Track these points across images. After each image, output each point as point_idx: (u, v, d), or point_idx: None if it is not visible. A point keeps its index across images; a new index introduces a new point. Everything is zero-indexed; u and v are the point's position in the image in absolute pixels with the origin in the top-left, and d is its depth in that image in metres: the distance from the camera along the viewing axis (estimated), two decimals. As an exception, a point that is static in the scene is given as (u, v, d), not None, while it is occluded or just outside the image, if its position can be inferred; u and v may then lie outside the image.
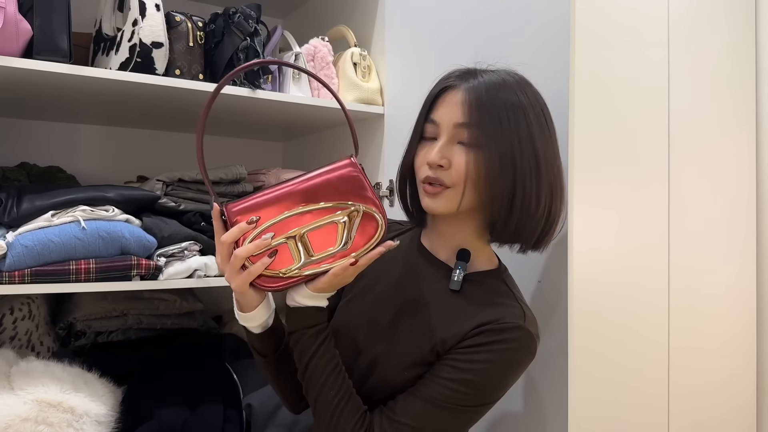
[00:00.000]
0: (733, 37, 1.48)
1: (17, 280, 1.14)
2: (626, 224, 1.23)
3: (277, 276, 0.87)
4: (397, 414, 0.88)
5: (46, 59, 1.15)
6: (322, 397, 0.89)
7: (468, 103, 0.92)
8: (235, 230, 0.85)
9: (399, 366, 0.93)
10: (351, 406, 0.89)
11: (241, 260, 0.85)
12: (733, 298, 1.45)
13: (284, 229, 0.86)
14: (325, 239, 0.87)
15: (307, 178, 0.88)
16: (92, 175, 1.66)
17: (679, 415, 1.31)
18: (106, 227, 1.22)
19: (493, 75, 0.95)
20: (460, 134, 0.92)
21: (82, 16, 1.39)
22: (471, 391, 0.88)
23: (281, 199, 0.87)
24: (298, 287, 0.90)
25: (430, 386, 0.89)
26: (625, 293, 1.22)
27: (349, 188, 0.88)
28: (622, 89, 1.22)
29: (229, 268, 0.86)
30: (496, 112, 0.91)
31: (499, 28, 1.28)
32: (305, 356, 0.90)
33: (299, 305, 0.90)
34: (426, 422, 0.88)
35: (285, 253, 0.87)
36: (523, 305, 0.95)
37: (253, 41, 1.38)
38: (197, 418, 1.33)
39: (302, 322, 0.91)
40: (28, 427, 1.07)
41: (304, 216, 0.87)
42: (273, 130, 1.84)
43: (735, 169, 1.47)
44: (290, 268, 0.87)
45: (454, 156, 0.92)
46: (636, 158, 1.25)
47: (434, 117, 0.95)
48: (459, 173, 0.91)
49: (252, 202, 0.87)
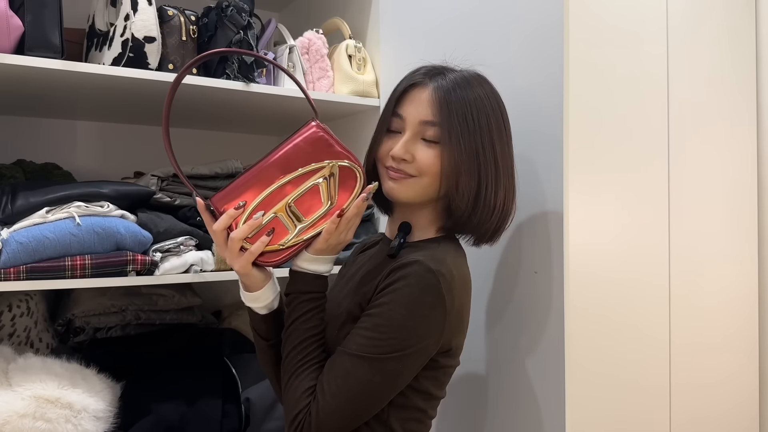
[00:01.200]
0: (732, 27, 1.47)
1: (12, 276, 1.14)
2: (624, 216, 1.22)
3: (277, 250, 0.92)
4: (325, 374, 0.91)
5: (37, 55, 1.15)
6: (289, 358, 0.94)
7: (436, 102, 0.96)
8: (224, 218, 0.90)
9: (334, 328, 0.97)
10: (309, 374, 0.92)
11: (238, 243, 0.90)
12: (734, 292, 1.45)
13: (270, 204, 0.91)
14: (312, 203, 0.93)
15: (277, 150, 0.93)
16: (89, 172, 1.66)
17: (681, 410, 1.31)
18: (101, 223, 1.21)
19: (459, 74, 1.00)
20: (424, 131, 0.97)
21: (76, 12, 1.39)
22: (380, 335, 0.89)
23: (259, 177, 0.91)
24: (300, 253, 0.95)
25: (349, 339, 0.92)
26: (624, 286, 1.21)
27: (318, 149, 0.93)
28: (619, 79, 1.22)
29: (229, 253, 0.92)
30: (462, 111, 0.96)
31: (494, 20, 1.27)
32: (291, 317, 0.95)
33: (300, 269, 0.96)
34: (347, 376, 0.89)
35: (278, 226, 0.91)
36: (444, 254, 0.95)
37: (247, 34, 1.37)
38: (196, 413, 1.33)
39: (299, 286, 0.96)
40: (26, 423, 1.07)
41: (286, 187, 0.92)
42: (268, 124, 1.84)
43: (736, 160, 1.46)
44: (287, 238, 0.92)
45: (417, 151, 0.97)
46: (634, 149, 1.24)
47: (401, 111, 0.99)
48: (422, 167, 0.96)
49: (233, 187, 0.91)
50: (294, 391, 0.91)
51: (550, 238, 1.13)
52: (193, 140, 1.87)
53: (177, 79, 0.92)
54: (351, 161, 0.94)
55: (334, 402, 0.89)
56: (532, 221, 1.17)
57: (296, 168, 0.92)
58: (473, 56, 1.32)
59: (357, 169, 0.94)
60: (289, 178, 0.91)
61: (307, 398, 0.90)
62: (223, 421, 1.35)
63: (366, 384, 0.89)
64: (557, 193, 1.11)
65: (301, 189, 0.92)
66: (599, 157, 1.18)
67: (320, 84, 1.54)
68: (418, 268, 0.90)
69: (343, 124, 1.70)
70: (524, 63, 1.19)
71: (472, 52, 1.32)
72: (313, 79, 1.54)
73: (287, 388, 0.93)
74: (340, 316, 0.98)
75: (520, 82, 1.20)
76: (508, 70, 1.22)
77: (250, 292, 0.96)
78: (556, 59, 1.12)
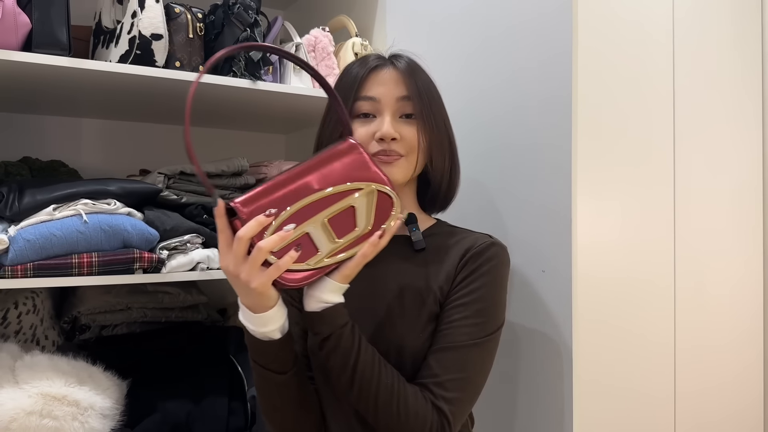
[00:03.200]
0: (738, 26, 1.46)
1: (20, 274, 1.14)
2: (631, 214, 1.22)
3: (301, 269, 0.81)
4: (439, 375, 0.89)
5: (45, 52, 1.14)
6: (381, 389, 0.86)
7: (406, 78, 0.99)
8: (252, 224, 0.78)
9: (415, 331, 0.94)
10: (408, 388, 0.88)
11: (264, 254, 0.78)
12: (740, 292, 1.44)
13: (304, 217, 0.81)
14: (345, 223, 0.84)
15: (313, 164, 0.85)
16: (94, 169, 1.65)
17: (686, 413, 1.30)
18: (108, 221, 1.21)
19: (410, 57, 1.04)
20: (403, 107, 0.99)
21: (82, 9, 1.39)
22: (485, 318, 0.92)
23: (293, 185, 0.82)
24: (319, 284, 0.85)
25: (451, 333, 0.91)
26: (630, 285, 1.21)
27: (357, 169, 0.88)
28: (624, 77, 1.21)
29: (249, 266, 0.78)
30: (427, 88, 1.01)
31: (501, 16, 1.26)
32: (351, 356, 0.85)
33: (328, 304, 0.85)
34: (467, 368, 0.90)
35: (307, 243, 0.82)
36: (471, 232, 1.03)
37: (253, 32, 1.37)
38: (202, 411, 1.33)
39: (337, 321, 0.86)
40: (33, 420, 1.07)
41: (319, 203, 0.83)
42: (274, 122, 1.84)
43: (741, 159, 1.46)
44: (317, 258, 0.82)
45: (401, 129, 0.98)
46: (640, 147, 1.23)
47: (370, 94, 0.99)
48: (410, 143, 0.98)
49: (260, 192, 0.81)
50: (415, 413, 0.86)
51: (557, 237, 1.12)
52: (199, 138, 1.85)
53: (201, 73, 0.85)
54: (389, 186, 0.89)
55: (462, 396, 0.89)
56: (540, 220, 1.16)
57: (333, 184, 0.84)
58: (480, 52, 1.31)
59: (393, 195, 0.88)
60: (325, 193, 0.83)
61: (427, 408, 0.87)
62: (230, 419, 1.35)
63: (483, 367, 0.93)
64: (565, 192, 1.11)
65: (338, 206, 0.84)
66: (606, 157, 1.17)
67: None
68: (497, 248, 0.97)
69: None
70: (532, 59, 1.19)
71: (479, 48, 1.32)
72: (320, 77, 1.54)
73: (404, 417, 0.86)
74: (409, 319, 0.95)
75: (527, 79, 1.19)
76: (515, 67, 1.22)
77: (258, 313, 0.83)
78: (564, 55, 1.12)
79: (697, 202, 1.34)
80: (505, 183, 1.24)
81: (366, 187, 0.86)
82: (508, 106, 1.24)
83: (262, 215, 0.79)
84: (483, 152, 1.28)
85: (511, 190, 1.23)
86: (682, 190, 1.31)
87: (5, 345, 1.24)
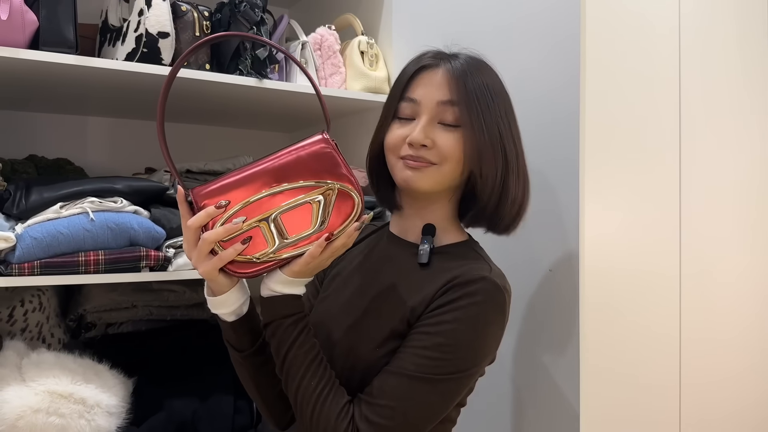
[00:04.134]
0: (744, 26, 1.45)
1: (27, 271, 1.14)
2: (637, 212, 1.22)
3: (250, 261, 0.83)
4: (374, 396, 0.84)
5: (52, 50, 1.15)
6: (303, 388, 0.84)
7: (453, 81, 0.90)
8: (201, 215, 0.81)
9: (371, 343, 0.90)
10: (334, 396, 0.84)
11: (209, 245, 0.81)
12: (745, 287, 1.44)
13: (256, 211, 0.82)
14: (300, 220, 0.83)
15: (278, 156, 0.84)
16: (100, 167, 1.66)
17: (691, 407, 1.30)
18: (114, 219, 1.22)
19: (469, 57, 0.95)
20: (443, 113, 0.90)
21: (89, 7, 1.38)
22: (444, 356, 0.84)
23: (251, 180, 0.83)
24: (272, 273, 0.85)
25: (402, 359, 0.85)
26: (637, 282, 1.21)
27: (322, 166, 0.84)
28: (631, 75, 1.21)
29: (196, 254, 0.82)
30: (480, 91, 0.90)
31: (510, 15, 1.26)
32: (283, 347, 0.86)
33: (275, 293, 0.86)
34: (404, 399, 0.83)
35: (258, 236, 0.83)
36: (490, 263, 0.93)
37: (260, 30, 1.37)
38: (207, 409, 1.33)
39: (279, 311, 0.86)
40: (39, 418, 1.07)
41: (276, 197, 0.83)
42: (280, 120, 1.83)
43: (747, 156, 1.45)
44: (264, 252, 0.83)
45: (437, 136, 0.90)
46: (647, 145, 1.23)
47: (413, 95, 0.93)
48: (443, 153, 0.90)
49: (220, 184, 0.83)
50: (327, 420, 0.83)
51: (564, 236, 1.12)
52: (205, 136, 1.86)
53: (177, 63, 0.86)
54: (353, 187, 0.84)
55: (388, 425, 0.82)
56: (547, 219, 1.16)
57: (293, 180, 0.83)
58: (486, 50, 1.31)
59: (356, 197, 0.84)
60: (281, 188, 0.83)
61: (344, 421, 0.82)
62: (235, 417, 1.35)
63: (425, 406, 0.84)
64: (572, 191, 1.11)
65: (293, 203, 0.83)
66: (613, 156, 1.17)
67: (332, 80, 1.53)
68: (487, 285, 0.85)
69: (355, 120, 1.69)
70: (540, 57, 1.19)
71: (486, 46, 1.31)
72: (326, 75, 1.54)
73: (315, 422, 0.83)
74: (374, 330, 0.90)
75: (537, 78, 1.19)
76: (525, 66, 1.22)
77: (212, 296, 0.87)
78: (572, 52, 1.11)
79: (702, 198, 1.34)
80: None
81: (325, 185, 0.83)
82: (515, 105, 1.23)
83: (212, 206, 0.81)
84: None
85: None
86: (687, 187, 1.30)
87: (12, 343, 1.24)
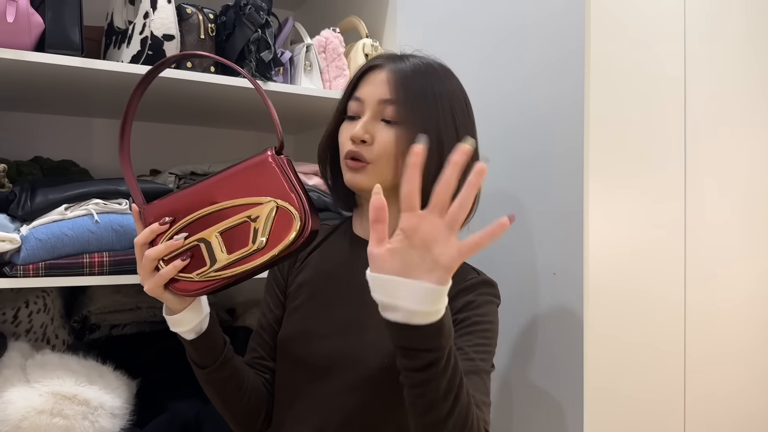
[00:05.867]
0: (750, 28, 1.45)
1: (31, 273, 1.14)
2: (642, 217, 1.21)
3: (191, 280, 0.83)
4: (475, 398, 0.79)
5: (58, 53, 1.15)
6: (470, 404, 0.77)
7: (393, 81, 0.93)
8: (146, 232, 0.83)
9: (379, 354, 0.89)
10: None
11: (152, 262, 0.83)
12: (751, 297, 1.43)
13: (198, 228, 0.83)
14: (241, 239, 0.82)
15: (224, 173, 0.85)
16: (105, 169, 1.66)
17: (696, 421, 1.29)
18: (119, 220, 1.22)
19: (420, 60, 0.97)
20: (383, 111, 0.93)
21: (94, 10, 1.39)
22: (492, 344, 0.92)
23: (196, 196, 0.84)
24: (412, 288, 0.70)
25: (470, 356, 0.86)
26: (641, 289, 1.20)
27: (265, 183, 0.83)
28: (636, 78, 1.20)
29: (140, 270, 0.85)
30: (421, 92, 0.92)
31: (514, 17, 1.26)
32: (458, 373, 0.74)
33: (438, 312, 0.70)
34: (488, 392, 0.87)
35: (198, 255, 0.83)
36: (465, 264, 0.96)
37: (264, 33, 1.37)
38: (211, 411, 1.33)
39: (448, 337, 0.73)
40: (43, 419, 1.07)
41: (215, 215, 0.82)
42: (284, 123, 1.82)
43: (753, 162, 1.44)
44: (203, 271, 0.83)
45: (377, 132, 0.93)
46: (652, 151, 1.23)
47: (358, 94, 0.96)
48: (380, 149, 0.92)
49: (168, 200, 0.84)
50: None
51: (569, 240, 1.12)
52: (210, 138, 1.87)
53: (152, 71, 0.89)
54: (293, 205, 0.81)
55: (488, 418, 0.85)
56: (552, 222, 1.16)
57: (236, 196, 0.82)
58: (492, 54, 1.31)
59: (297, 214, 0.81)
60: (222, 206, 0.82)
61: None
62: (238, 420, 1.35)
63: (487, 392, 0.88)
64: (577, 195, 1.11)
65: (232, 222, 0.82)
66: (618, 160, 1.17)
67: (337, 83, 1.54)
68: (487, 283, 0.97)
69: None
70: (544, 61, 1.19)
71: (491, 51, 1.32)
72: (330, 78, 1.54)
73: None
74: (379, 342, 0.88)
75: (540, 81, 1.19)
76: (527, 70, 1.21)
77: (169, 315, 0.89)
78: (576, 56, 1.11)
79: (708, 207, 1.33)
80: (516, 185, 1.24)
81: (265, 202, 0.82)
82: (520, 110, 1.23)
83: (156, 223, 0.83)
84: (495, 156, 1.28)
85: (523, 193, 1.22)
86: (692, 194, 1.30)
87: (16, 344, 1.25)
